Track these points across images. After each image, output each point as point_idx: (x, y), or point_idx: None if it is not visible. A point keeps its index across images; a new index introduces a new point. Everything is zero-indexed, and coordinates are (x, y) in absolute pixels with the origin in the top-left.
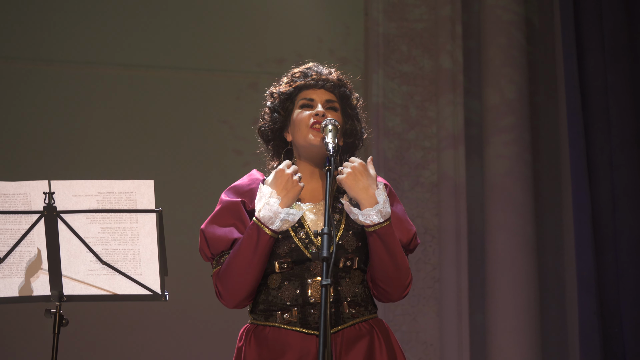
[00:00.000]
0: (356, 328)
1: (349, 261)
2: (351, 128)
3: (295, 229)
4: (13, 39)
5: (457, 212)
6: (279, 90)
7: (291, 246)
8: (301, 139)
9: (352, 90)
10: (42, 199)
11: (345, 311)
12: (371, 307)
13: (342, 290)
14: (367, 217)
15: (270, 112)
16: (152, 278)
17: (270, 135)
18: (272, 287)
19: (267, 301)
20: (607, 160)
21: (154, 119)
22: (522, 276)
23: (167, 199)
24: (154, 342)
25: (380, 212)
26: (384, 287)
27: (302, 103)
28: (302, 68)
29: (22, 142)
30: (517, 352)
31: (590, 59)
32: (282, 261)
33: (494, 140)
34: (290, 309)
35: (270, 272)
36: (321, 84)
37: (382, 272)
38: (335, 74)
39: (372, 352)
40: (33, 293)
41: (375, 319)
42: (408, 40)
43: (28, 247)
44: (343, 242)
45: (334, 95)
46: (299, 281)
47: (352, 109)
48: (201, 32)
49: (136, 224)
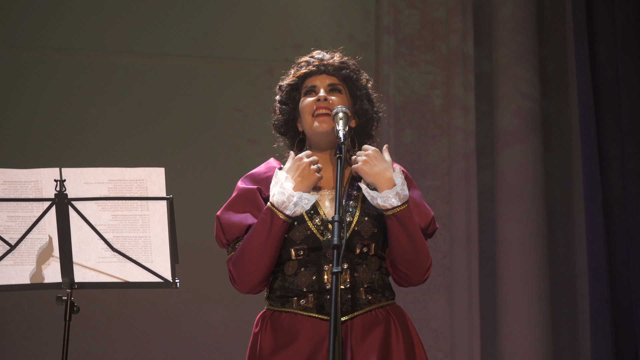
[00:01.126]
0: (372, 314)
1: (365, 247)
2: (361, 108)
3: (311, 216)
4: (24, 28)
5: (468, 201)
6: (286, 83)
7: (306, 233)
8: (307, 127)
9: (357, 71)
10: (54, 186)
11: (362, 297)
12: (388, 293)
13: (359, 276)
14: (385, 199)
15: (280, 105)
16: (162, 265)
17: (283, 128)
18: (289, 273)
19: (284, 287)
20: (618, 149)
21: (166, 106)
22: (532, 264)
23: (180, 187)
24: (165, 329)
25: (398, 195)
26: (405, 270)
27: (305, 90)
28: (306, 57)
29: (33, 130)
30: (528, 339)
31: (602, 49)
32: (298, 248)
33: (505, 129)
34: (307, 295)
35: (286, 259)
36: (322, 69)
37: (402, 255)
38: (338, 57)
39: (388, 338)
40: (44, 280)
41: (393, 306)
42: (420, 27)
43: (39, 235)
44: (359, 228)
45: (336, 79)
46: (315, 267)
47: (360, 89)
48: (215, 18)
49: (147, 211)
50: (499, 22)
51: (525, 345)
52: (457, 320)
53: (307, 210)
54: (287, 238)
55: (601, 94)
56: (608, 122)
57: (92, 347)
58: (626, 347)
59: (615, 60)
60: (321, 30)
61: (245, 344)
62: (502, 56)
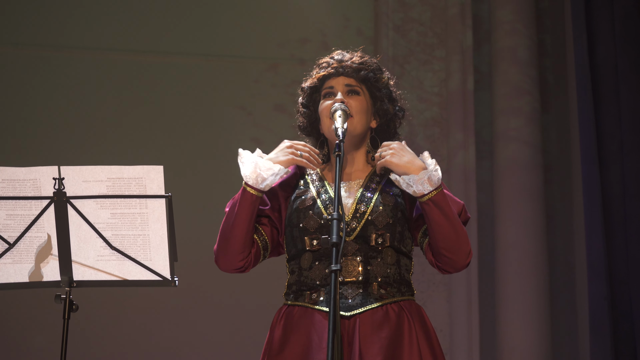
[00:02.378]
0: (383, 309)
1: (380, 238)
2: (381, 108)
3: (326, 205)
4: (23, 26)
5: (467, 198)
6: (307, 85)
7: (320, 222)
8: (325, 130)
9: (378, 70)
10: (52, 184)
11: (374, 292)
12: (405, 289)
13: (372, 269)
14: (422, 182)
15: (302, 108)
16: (161, 263)
17: (307, 130)
18: (304, 267)
19: (299, 282)
20: (617, 145)
21: (166, 104)
22: (532, 261)
23: (180, 185)
24: (164, 327)
25: (431, 179)
26: (449, 255)
27: (324, 93)
28: (327, 57)
29: (32, 128)
30: (527, 337)
31: (601, 45)
32: (312, 237)
33: (504, 126)
34: (319, 289)
35: (301, 249)
36: (341, 71)
37: (444, 239)
38: (357, 57)
39: (400, 335)
40: (43, 278)
41: (408, 302)
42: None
43: (38, 233)
44: (373, 217)
45: (354, 80)
46: (328, 261)
47: (379, 90)
48: (216, 15)
49: (146, 209)
50: (497, 25)
51: (525, 343)
52: (456, 318)
53: (323, 199)
54: (301, 227)
55: (600, 92)
56: (607, 120)
57: (91, 345)
58: (625, 344)
59: (615, 58)
60: (327, 25)
61: (244, 341)
62: (501, 56)
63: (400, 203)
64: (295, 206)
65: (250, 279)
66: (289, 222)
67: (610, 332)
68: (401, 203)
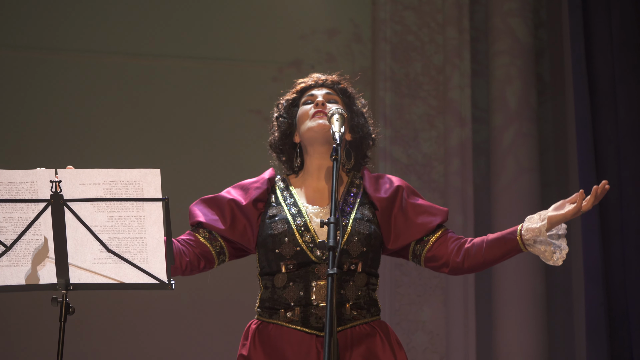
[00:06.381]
0: (357, 329)
1: (352, 265)
2: (357, 123)
3: (302, 233)
4: (19, 28)
5: (464, 202)
6: (284, 99)
7: (296, 249)
8: (304, 130)
9: (354, 91)
10: (49, 187)
11: (347, 313)
12: (374, 309)
13: (345, 293)
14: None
15: (277, 119)
16: (158, 267)
17: (280, 143)
18: (278, 286)
19: (273, 299)
20: (614, 150)
21: (164, 108)
22: (528, 266)
23: (179, 188)
24: (160, 330)
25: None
26: (469, 271)
27: (304, 100)
28: (305, 78)
29: (29, 130)
30: (523, 342)
31: (598, 50)
32: (288, 263)
33: (501, 129)
34: (294, 309)
35: (276, 271)
36: (321, 83)
37: (482, 268)
38: (335, 76)
39: (374, 351)
40: (40, 281)
41: (378, 321)
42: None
43: (35, 236)
44: (348, 247)
45: (334, 90)
46: (303, 283)
47: (355, 104)
48: (223, 19)
49: (143, 212)
50: (496, 27)
51: (521, 347)
52: (452, 322)
53: (298, 225)
54: (277, 253)
55: (597, 94)
56: (604, 122)
57: (88, 348)
58: (621, 349)
59: (612, 63)
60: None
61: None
62: (498, 56)
63: (374, 230)
64: (269, 231)
65: (247, 281)
66: (263, 244)
67: (606, 336)
68: (374, 230)
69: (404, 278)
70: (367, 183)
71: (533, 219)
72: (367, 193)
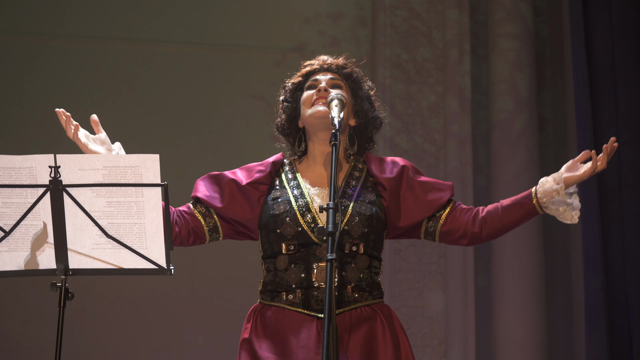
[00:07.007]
0: (358, 312)
1: (354, 246)
2: (361, 108)
3: (303, 213)
4: (21, 14)
5: (463, 187)
6: (290, 83)
7: (297, 229)
8: (306, 116)
9: (360, 74)
10: (48, 172)
11: (348, 295)
12: (376, 292)
13: (347, 275)
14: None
15: (282, 103)
16: (157, 252)
17: (286, 126)
18: (280, 268)
19: (275, 282)
20: (613, 135)
21: (166, 94)
22: (528, 252)
23: (180, 174)
24: (160, 315)
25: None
26: (488, 239)
27: (308, 85)
28: (311, 60)
29: (28, 115)
30: (523, 327)
31: (598, 37)
32: (289, 243)
33: (500, 117)
34: (295, 291)
35: (278, 252)
36: (325, 67)
37: (499, 234)
38: (342, 60)
39: (374, 334)
40: (39, 267)
41: (380, 304)
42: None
43: (34, 221)
44: (349, 227)
45: (338, 75)
46: (304, 265)
47: (361, 89)
48: (222, 3)
49: (142, 198)
50: (495, 28)
51: (520, 333)
52: (452, 308)
53: (300, 205)
54: (278, 233)
55: (597, 82)
56: (604, 110)
57: (87, 333)
58: (620, 334)
59: (612, 50)
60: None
61: (240, 330)
62: (498, 50)
63: (376, 211)
64: (271, 211)
65: (248, 269)
66: (265, 225)
67: (605, 322)
68: (376, 211)
69: (403, 264)
70: (372, 165)
71: (547, 182)
72: (372, 175)
